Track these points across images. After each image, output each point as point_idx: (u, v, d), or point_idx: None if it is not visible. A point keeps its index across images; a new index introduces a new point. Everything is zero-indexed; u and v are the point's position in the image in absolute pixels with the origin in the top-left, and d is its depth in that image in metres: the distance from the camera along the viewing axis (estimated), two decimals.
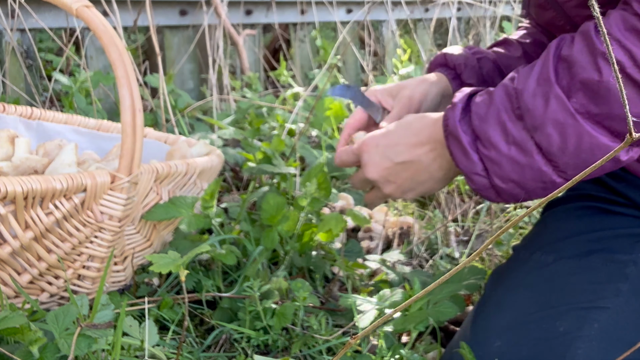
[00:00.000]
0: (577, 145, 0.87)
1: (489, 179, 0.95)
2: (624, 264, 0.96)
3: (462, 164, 0.96)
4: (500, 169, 0.93)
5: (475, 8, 3.52)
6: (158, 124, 1.94)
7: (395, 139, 1.05)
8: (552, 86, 0.88)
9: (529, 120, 0.90)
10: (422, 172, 1.06)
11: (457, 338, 1.01)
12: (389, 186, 1.08)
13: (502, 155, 0.92)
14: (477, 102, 0.95)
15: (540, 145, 0.90)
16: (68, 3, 0.98)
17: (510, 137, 0.91)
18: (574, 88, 0.87)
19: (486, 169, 0.94)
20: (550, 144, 0.89)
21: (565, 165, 0.90)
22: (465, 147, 0.95)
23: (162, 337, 1.03)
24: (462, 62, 1.23)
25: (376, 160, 1.06)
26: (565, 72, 0.88)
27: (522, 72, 0.93)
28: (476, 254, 0.46)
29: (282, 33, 2.94)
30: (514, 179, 0.93)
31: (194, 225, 1.15)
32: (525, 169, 0.92)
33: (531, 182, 0.93)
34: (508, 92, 0.93)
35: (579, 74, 0.86)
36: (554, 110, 0.87)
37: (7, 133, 1.14)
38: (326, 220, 1.25)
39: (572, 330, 0.88)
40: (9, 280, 0.98)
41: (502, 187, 0.95)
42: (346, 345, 0.52)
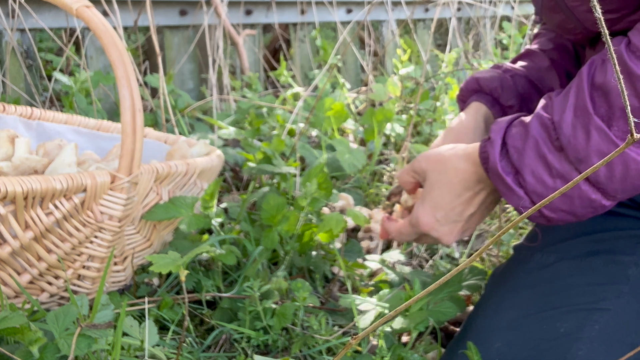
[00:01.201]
0: (625, 172, 0.86)
1: (539, 211, 0.94)
2: (625, 265, 0.96)
3: (509, 200, 0.95)
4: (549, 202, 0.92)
5: (475, 8, 3.52)
6: (158, 124, 1.94)
7: (449, 204, 1.04)
8: (591, 117, 0.86)
9: (571, 152, 0.88)
10: (488, 209, 1.07)
11: (458, 338, 1.01)
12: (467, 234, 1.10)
13: (548, 189, 0.91)
14: (513, 135, 0.94)
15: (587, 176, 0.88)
16: (68, 3, 0.98)
17: (554, 170, 0.90)
18: (613, 116, 0.85)
19: (533, 202, 0.93)
20: (597, 174, 0.88)
21: (614, 191, 0.89)
22: (509, 185, 0.94)
23: (162, 337, 1.03)
24: (498, 85, 1.21)
25: (447, 230, 1.06)
26: (601, 100, 0.86)
27: (557, 101, 0.91)
28: (477, 255, 0.46)
29: (282, 33, 2.94)
30: (563, 209, 0.93)
31: (194, 225, 1.15)
32: (574, 200, 0.91)
33: (581, 210, 0.92)
34: (544, 124, 0.91)
35: (617, 101, 0.84)
36: (597, 141, 0.86)
37: (7, 133, 1.14)
38: (326, 220, 1.25)
39: (573, 331, 0.88)
40: (9, 280, 0.98)
41: (552, 216, 0.94)
42: (346, 345, 0.52)
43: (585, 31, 0.98)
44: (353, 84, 3.06)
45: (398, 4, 3.20)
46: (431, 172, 1.06)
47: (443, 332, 1.20)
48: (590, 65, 0.89)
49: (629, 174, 0.86)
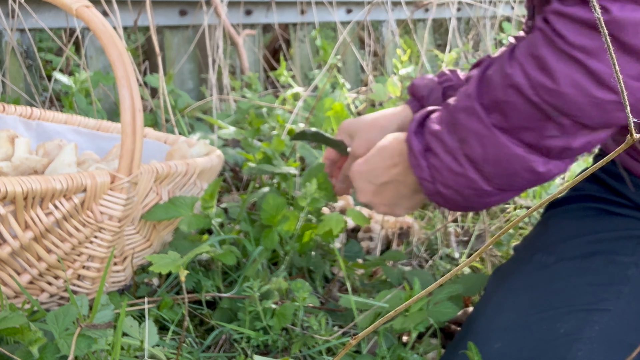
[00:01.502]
0: (497, 155, 0.97)
1: (434, 185, 1.05)
2: (625, 265, 0.96)
3: (415, 171, 1.06)
4: (441, 175, 1.03)
5: (475, 8, 3.52)
6: (158, 124, 1.94)
7: (373, 164, 1.15)
8: (474, 102, 0.98)
9: (458, 132, 1.00)
10: (402, 188, 1.14)
11: (458, 339, 1.01)
12: (379, 207, 1.18)
13: (442, 163, 1.03)
14: (432, 118, 1.07)
15: (468, 155, 1.00)
16: (68, 3, 0.98)
17: (447, 146, 1.02)
18: (490, 106, 0.97)
19: (432, 176, 1.04)
20: (475, 154, 0.99)
21: (490, 174, 0.99)
22: (416, 156, 1.05)
23: (162, 337, 1.03)
24: (426, 93, 1.31)
25: (363, 186, 1.16)
26: (485, 90, 0.98)
27: (462, 89, 1.03)
28: (477, 255, 0.46)
29: (282, 33, 2.94)
30: (452, 186, 1.03)
31: (193, 225, 1.14)
32: (459, 177, 1.02)
33: (465, 189, 1.02)
34: (448, 108, 1.03)
35: (493, 93, 0.96)
36: (475, 123, 0.98)
37: (7, 133, 1.14)
38: (326, 220, 1.25)
39: (573, 332, 0.88)
40: (9, 280, 0.98)
41: (444, 192, 1.04)
42: (346, 345, 0.52)
43: None
44: (353, 84, 3.06)
45: (398, 4, 3.20)
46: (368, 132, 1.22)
47: (443, 333, 1.20)
48: (492, 59, 1.01)
49: (500, 157, 0.97)
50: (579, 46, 0.86)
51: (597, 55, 0.85)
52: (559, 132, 0.93)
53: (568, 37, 0.86)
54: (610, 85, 0.86)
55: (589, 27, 0.85)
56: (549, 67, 0.88)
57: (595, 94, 0.87)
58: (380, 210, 1.18)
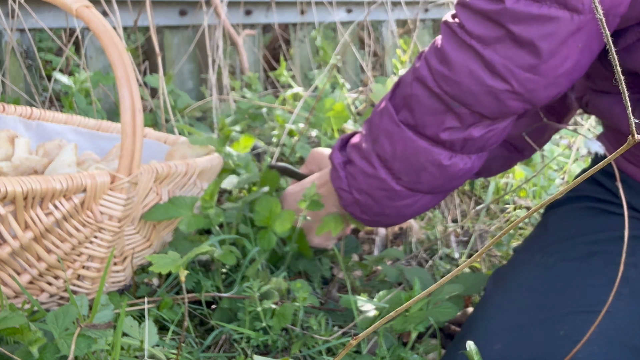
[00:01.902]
0: (404, 150, 1.01)
1: (351, 194, 1.09)
2: (625, 267, 0.96)
3: (334, 183, 1.11)
4: (356, 181, 1.08)
5: None
6: (158, 124, 1.94)
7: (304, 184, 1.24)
8: (387, 103, 1.04)
9: (372, 134, 1.05)
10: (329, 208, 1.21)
11: (458, 339, 1.01)
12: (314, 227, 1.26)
13: (356, 168, 1.08)
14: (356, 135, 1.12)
15: (378, 154, 1.04)
16: (68, 3, 0.98)
17: (362, 151, 1.07)
18: (400, 104, 1.01)
19: (349, 184, 1.09)
20: (385, 151, 1.03)
21: (399, 171, 1.04)
22: (336, 168, 1.10)
23: (162, 337, 1.03)
24: None
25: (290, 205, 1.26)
26: (397, 90, 1.03)
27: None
28: (477, 255, 0.46)
29: (282, 33, 2.94)
30: (365, 190, 1.07)
31: (193, 225, 1.15)
32: (371, 179, 1.06)
33: (377, 191, 1.07)
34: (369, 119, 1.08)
35: (402, 90, 1.01)
36: (385, 122, 1.03)
37: (7, 133, 1.14)
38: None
39: (573, 333, 0.88)
40: (9, 280, 0.98)
41: (359, 199, 1.09)
42: (346, 346, 0.52)
43: None
44: (353, 84, 3.06)
45: (398, 4, 3.20)
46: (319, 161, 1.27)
47: (443, 333, 1.20)
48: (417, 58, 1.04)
49: (407, 152, 1.01)
50: (476, 36, 0.88)
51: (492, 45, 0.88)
52: (459, 122, 0.96)
53: (467, 27, 0.89)
54: (502, 74, 0.88)
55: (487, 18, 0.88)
56: (448, 56, 0.92)
57: (488, 83, 0.89)
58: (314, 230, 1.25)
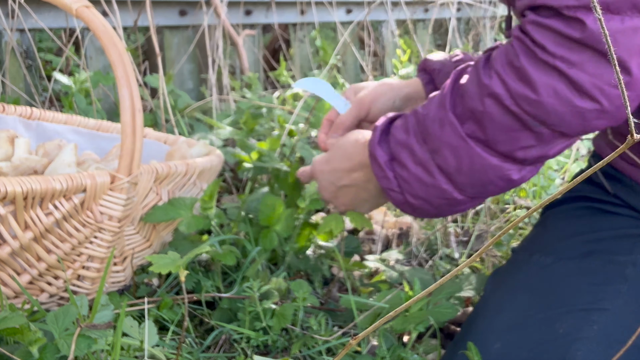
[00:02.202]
0: (471, 165, 0.97)
1: (403, 196, 1.05)
2: (623, 265, 0.96)
3: (381, 182, 1.06)
4: (410, 187, 1.03)
5: (475, 8, 3.52)
6: (158, 124, 1.94)
7: (335, 165, 1.16)
8: (447, 112, 0.97)
9: (430, 143, 0.99)
10: (362, 192, 1.15)
11: (457, 339, 1.01)
12: (340, 206, 1.20)
13: (411, 174, 1.02)
14: (396, 126, 1.05)
15: (440, 166, 0.99)
16: (68, 3, 0.98)
17: (417, 158, 1.02)
18: (465, 116, 0.96)
19: (400, 186, 1.04)
20: (448, 165, 0.98)
21: (463, 184, 1.00)
22: (382, 167, 1.05)
23: (162, 337, 1.03)
24: (438, 67, 1.30)
25: (324, 185, 1.18)
26: (459, 100, 0.97)
27: (432, 97, 1.02)
28: (476, 255, 0.46)
29: (281, 33, 2.94)
30: (422, 196, 1.03)
31: (193, 226, 1.14)
32: (430, 188, 1.02)
33: (436, 199, 1.03)
34: (417, 117, 1.02)
35: (468, 103, 0.95)
36: (449, 134, 0.97)
37: (7, 133, 1.14)
38: (326, 221, 1.25)
39: (572, 332, 0.89)
40: (9, 280, 0.98)
41: (413, 202, 1.04)
42: (346, 346, 0.52)
43: None
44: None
45: (398, 4, 3.20)
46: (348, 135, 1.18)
47: (443, 333, 1.20)
48: (463, 69, 1.00)
49: (474, 168, 0.97)
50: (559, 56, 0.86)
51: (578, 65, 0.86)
52: (536, 141, 0.94)
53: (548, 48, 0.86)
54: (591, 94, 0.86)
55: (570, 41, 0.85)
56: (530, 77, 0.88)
57: (576, 103, 0.87)
58: (341, 210, 1.20)
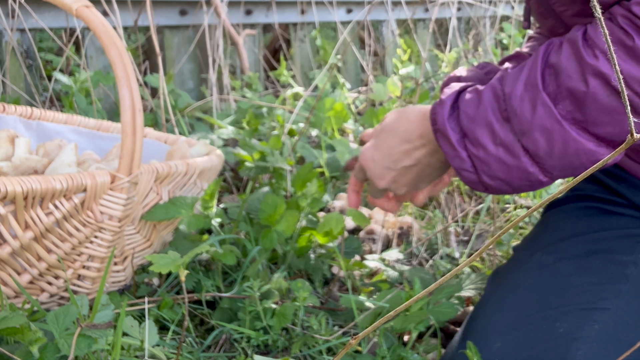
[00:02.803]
0: (564, 150, 0.91)
1: (478, 176, 0.98)
2: (624, 264, 0.96)
3: (452, 160, 0.99)
4: (489, 168, 0.96)
5: (475, 8, 3.52)
6: (158, 124, 1.94)
7: (388, 149, 1.10)
8: (539, 92, 0.90)
9: (516, 124, 0.93)
10: (425, 169, 1.10)
11: (458, 339, 1.01)
12: (401, 189, 1.13)
13: (489, 155, 0.95)
14: (466, 100, 0.98)
15: (528, 148, 0.93)
16: (68, 3, 0.98)
17: (498, 138, 0.95)
18: (560, 95, 0.89)
19: (475, 166, 0.98)
20: (538, 148, 0.92)
21: (552, 167, 0.93)
22: (453, 145, 0.97)
23: (162, 337, 1.03)
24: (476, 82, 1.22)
25: (379, 172, 1.11)
26: (552, 78, 0.90)
27: (511, 74, 0.95)
28: (477, 255, 0.46)
29: (282, 33, 2.94)
30: (501, 178, 0.97)
31: (193, 225, 1.15)
32: (512, 169, 0.95)
33: (517, 181, 0.96)
34: (496, 94, 0.95)
35: (566, 82, 0.88)
36: (541, 116, 0.90)
37: (7, 133, 1.14)
38: (326, 220, 1.25)
39: (573, 331, 0.88)
40: (9, 280, 0.98)
41: (490, 183, 0.98)
42: (346, 345, 0.52)
43: None
44: (353, 84, 3.06)
45: (398, 4, 3.20)
46: (387, 118, 1.12)
47: (443, 333, 1.20)
48: (549, 45, 0.93)
49: (567, 152, 0.90)
50: None
51: None
52: None
53: None
54: None
55: None
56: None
57: None
58: (401, 192, 1.13)
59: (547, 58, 0.92)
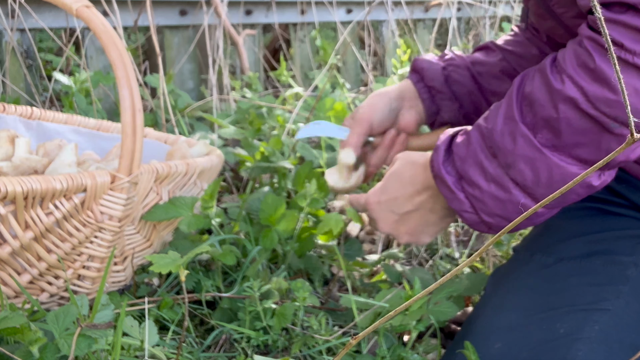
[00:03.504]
0: (549, 177, 0.92)
1: (478, 215, 0.99)
2: (624, 265, 0.96)
3: (451, 203, 1.00)
4: (485, 205, 0.97)
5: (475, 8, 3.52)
6: (158, 124, 1.94)
7: (394, 193, 1.10)
8: (517, 124, 0.92)
9: (502, 158, 0.94)
10: (429, 216, 1.10)
11: (458, 339, 1.01)
12: (403, 236, 1.12)
13: (484, 193, 0.97)
14: (458, 143, 1.00)
15: (516, 180, 0.94)
16: (68, 3, 0.98)
17: (489, 175, 0.96)
18: (537, 125, 0.91)
19: (473, 207, 0.99)
20: (525, 179, 0.93)
21: (542, 196, 0.94)
22: (451, 188, 0.99)
23: (162, 337, 1.03)
24: (426, 65, 1.29)
25: (382, 217, 1.11)
26: (527, 109, 0.92)
27: (492, 110, 0.97)
28: (476, 255, 0.46)
29: (282, 33, 2.94)
30: (498, 214, 0.98)
31: (193, 225, 1.15)
32: (506, 204, 0.96)
33: (514, 214, 0.97)
34: (482, 132, 0.97)
35: (540, 112, 0.90)
36: (522, 147, 0.92)
37: (7, 133, 1.14)
38: (326, 220, 1.25)
39: (573, 332, 0.88)
40: (9, 280, 0.98)
41: (489, 221, 0.99)
42: (346, 345, 0.52)
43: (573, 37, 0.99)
44: (353, 84, 3.06)
45: (398, 4, 3.20)
46: (398, 161, 1.13)
47: (443, 333, 1.20)
48: (524, 76, 0.95)
49: (554, 179, 0.91)
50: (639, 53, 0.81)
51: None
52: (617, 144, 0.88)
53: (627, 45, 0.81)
54: None
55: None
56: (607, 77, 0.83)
57: None
58: (404, 240, 1.13)
59: (522, 89, 0.94)
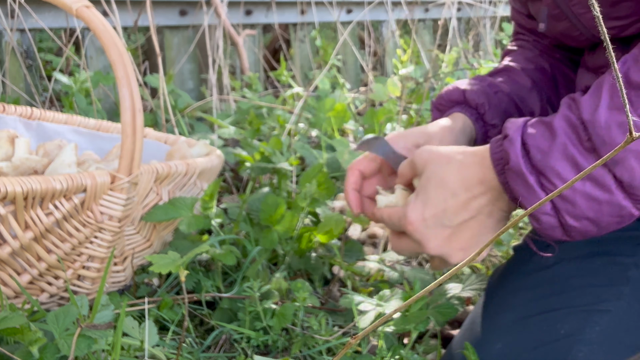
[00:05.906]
0: None
1: (558, 218, 0.87)
2: (625, 266, 0.96)
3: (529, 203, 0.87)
4: (574, 206, 0.85)
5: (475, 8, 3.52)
6: (158, 124, 1.94)
7: (441, 204, 0.94)
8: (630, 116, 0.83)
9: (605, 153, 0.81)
10: (486, 221, 0.95)
11: (458, 339, 1.01)
12: (456, 254, 0.97)
13: (575, 192, 0.84)
14: (534, 135, 0.87)
15: (622, 179, 0.83)
16: (68, 3, 0.98)
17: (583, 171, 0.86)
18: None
19: (556, 208, 0.86)
20: (633, 177, 0.82)
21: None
22: (531, 186, 0.86)
23: (162, 337, 1.03)
24: (485, 100, 1.15)
25: (432, 234, 0.95)
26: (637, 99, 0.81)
27: (585, 100, 0.86)
28: (476, 254, 0.46)
29: (282, 33, 2.94)
30: (589, 217, 0.86)
31: (193, 225, 1.15)
32: (603, 205, 0.84)
33: (607, 218, 0.86)
34: (572, 123, 0.85)
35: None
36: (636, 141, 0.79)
37: (7, 133, 1.14)
38: (326, 221, 1.25)
39: (574, 332, 0.88)
40: (9, 280, 0.98)
41: (573, 225, 0.87)
42: (346, 345, 0.52)
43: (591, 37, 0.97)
44: (353, 84, 3.07)
45: (398, 4, 3.20)
46: (432, 165, 0.96)
47: (443, 333, 1.20)
48: (624, 63, 0.85)
49: None
50: None
51: None
52: None
53: None
54: None
55: None
56: None
57: None
58: (457, 259, 0.97)
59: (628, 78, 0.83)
